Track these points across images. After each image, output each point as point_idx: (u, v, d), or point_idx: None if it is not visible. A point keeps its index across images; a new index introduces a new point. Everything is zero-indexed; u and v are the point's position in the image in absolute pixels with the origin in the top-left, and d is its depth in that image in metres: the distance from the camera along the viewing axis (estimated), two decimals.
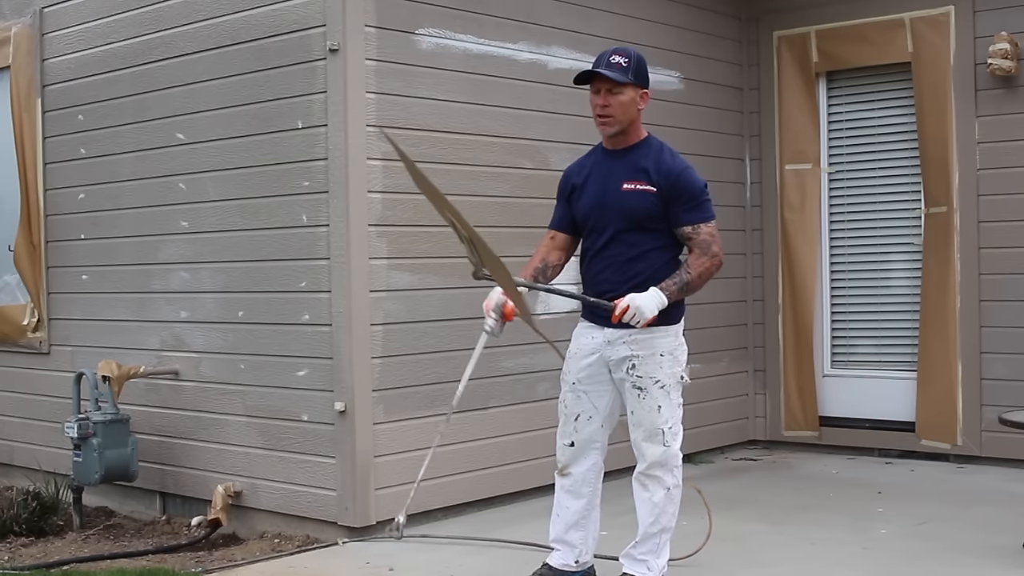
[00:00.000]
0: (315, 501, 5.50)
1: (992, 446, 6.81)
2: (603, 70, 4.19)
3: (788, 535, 5.35)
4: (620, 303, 4.11)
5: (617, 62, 4.21)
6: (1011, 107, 6.76)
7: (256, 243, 5.73)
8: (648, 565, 4.29)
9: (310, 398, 5.52)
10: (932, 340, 6.97)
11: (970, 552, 4.97)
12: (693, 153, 6.35)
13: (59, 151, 6.83)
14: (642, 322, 4.10)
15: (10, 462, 7.16)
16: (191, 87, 6.00)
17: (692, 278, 4.20)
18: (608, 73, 4.18)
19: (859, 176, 7.46)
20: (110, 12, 6.44)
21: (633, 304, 4.09)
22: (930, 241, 7.01)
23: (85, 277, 6.69)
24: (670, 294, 4.15)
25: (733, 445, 7.58)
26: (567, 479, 4.39)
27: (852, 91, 7.48)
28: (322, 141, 5.42)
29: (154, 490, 6.31)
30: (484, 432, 5.93)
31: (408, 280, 5.62)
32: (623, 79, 4.19)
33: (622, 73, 4.19)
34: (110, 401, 5.99)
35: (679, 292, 4.19)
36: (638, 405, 4.23)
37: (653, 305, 4.11)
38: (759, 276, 7.68)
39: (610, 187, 4.27)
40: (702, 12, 7.37)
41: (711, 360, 7.30)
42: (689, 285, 4.20)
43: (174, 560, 5.35)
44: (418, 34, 5.69)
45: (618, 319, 4.11)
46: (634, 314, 4.09)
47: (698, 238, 4.24)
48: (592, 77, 4.23)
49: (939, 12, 6.95)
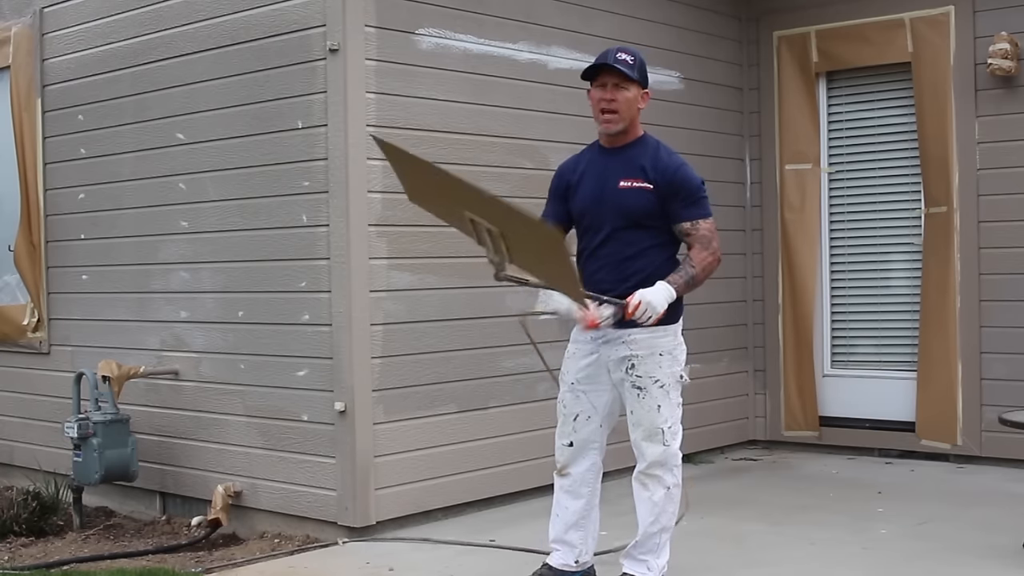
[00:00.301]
0: (315, 501, 5.50)
1: (992, 446, 6.81)
2: (613, 64, 4.21)
3: (788, 535, 5.35)
4: (631, 300, 4.10)
5: (624, 59, 4.23)
6: (1011, 107, 6.76)
7: (256, 243, 5.74)
8: (648, 565, 4.29)
9: (310, 398, 5.52)
10: (932, 340, 6.97)
11: (970, 552, 4.97)
12: (693, 153, 6.35)
13: (59, 151, 6.83)
14: (654, 317, 4.08)
15: (10, 462, 7.16)
16: (191, 87, 6.00)
17: (697, 272, 4.21)
18: (619, 67, 4.20)
19: (859, 176, 7.45)
20: (110, 12, 6.44)
21: (644, 299, 4.08)
22: (930, 241, 7.01)
23: (85, 277, 6.69)
24: (678, 288, 4.15)
25: (733, 445, 7.58)
26: (566, 479, 4.39)
27: (852, 91, 7.48)
28: (322, 141, 5.42)
29: (154, 490, 6.32)
30: (484, 432, 5.93)
31: (408, 280, 5.62)
32: (632, 75, 4.22)
33: (629, 70, 4.22)
34: (110, 401, 5.99)
35: (686, 286, 4.19)
36: (637, 405, 4.23)
37: (662, 299, 4.10)
38: (759, 276, 7.68)
39: (607, 185, 4.27)
40: (702, 12, 7.37)
41: (711, 360, 7.30)
42: (695, 279, 4.21)
43: (174, 560, 5.36)
44: (418, 34, 5.69)
45: (631, 316, 4.10)
46: (645, 309, 4.08)
47: (697, 234, 4.24)
48: (599, 71, 4.24)
49: (939, 12, 6.95)
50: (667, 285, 4.13)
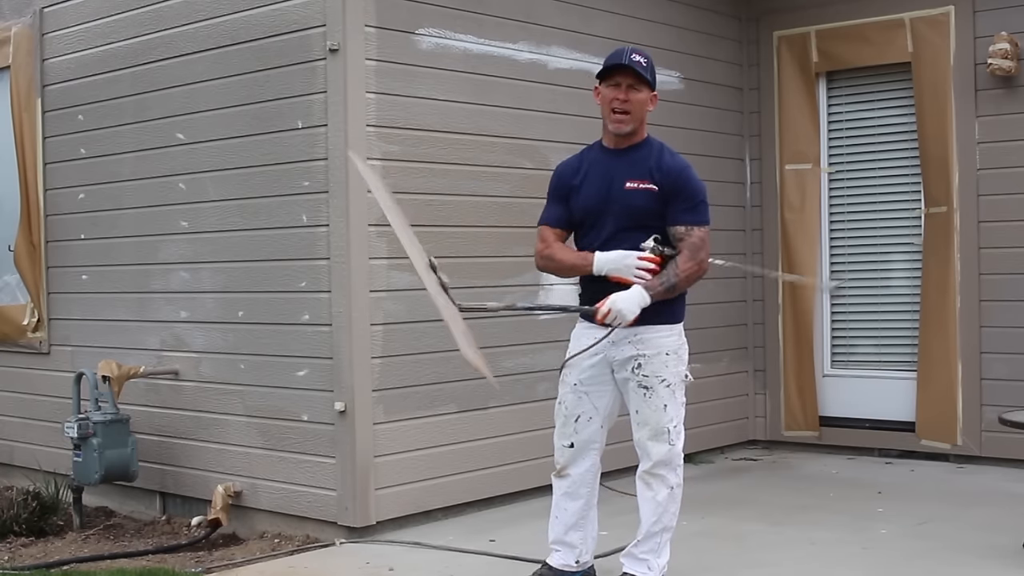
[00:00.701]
0: (315, 501, 5.50)
1: (992, 446, 6.81)
2: (630, 64, 4.21)
3: (788, 535, 5.35)
4: (601, 306, 4.10)
5: (638, 61, 4.24)
6: (1011, 107, 6.76)
7: (256, 243, 5.73)
8: (649, 564, 4.29)
9: (310, 398, 5.52)
10: (932, 340, 6.97)
11: (970, 552, 4.97)
12: (693, 153, 6.34)
13: (59, 151, 6.83)
14: (624, 323, 4.10)
15: (10, 462, 7.16)
16: (191, 87, 6.00)
17: (679, 280, 4.18)
18: (636, 68, 4.20)
19: (859, 176, 7.45)
20: (110, 12, 6.44)
21: (615, 307, 4.08)
22: (930, 241, 7.01)
23: (85, 277, 6.69)
24: (655, 294, 4.13)
25: (733, 445, 7.58)
26: (565, 481, 4.39)
27: (852, 91, 7.48)
28: (322, 141, 5.41)
29: (154, 490, 6.31)
30: (484, 432, 5.93)
31: (408, 280, 5.61)
32: (646, 77, 4.22)
33: (643, 71, 4.22)
34: (110, 401, 5.99)
35: (664, 292, 4.17)
36: (644, 404, 4.23)
37: (635, 305, 4.09)
38: (759, 276, 7.67)
39: (613, 185, 4.26)
40: (702, 12, 7.37)
41: (711, 360, 7.29)
42: (675, 287, 4.19)
43: (174, 560, 5.36)
44: (418, 34, 5.69)
45: (602, 322, 4.10)
46: (615, 316, 4.08)
47: (689, 239, 4.22)
48: (614, 70, 4.23)
49: (939, 12, 6.95)
50: (642, 291, 4.12)
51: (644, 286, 4.13)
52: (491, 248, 5.95)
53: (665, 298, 4.19)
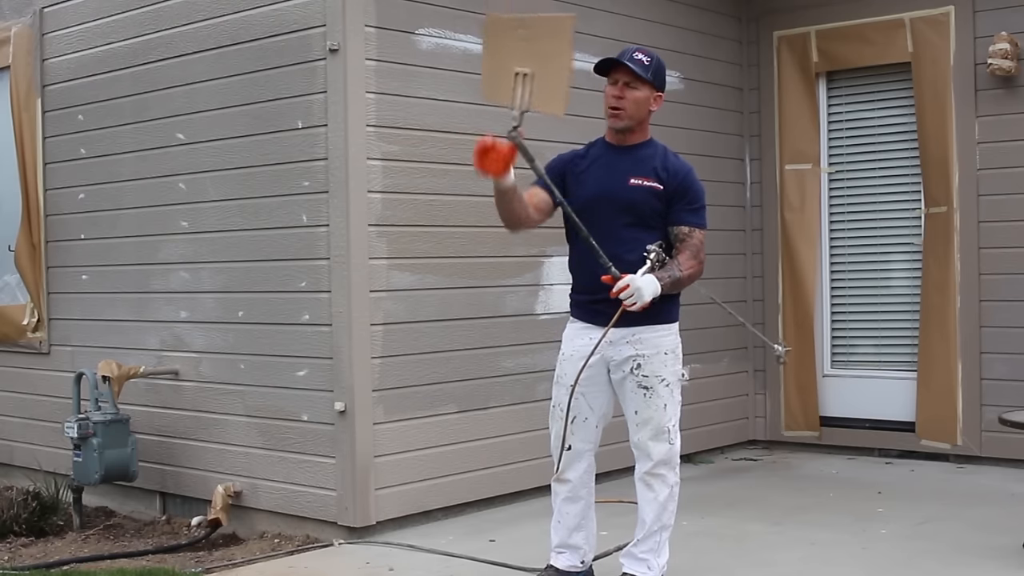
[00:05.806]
0: (315, 501, 5.50)
1: (992, 446, 6.81)
2: (625, 62, 4.22)
3: (788, 535, 5.35)
4: (622, 280, 4.06)
5: (639, 59, 4.24)
6: (1011, 107, 6.76)
7: (256, 243, 5.74)
8: (649, 564, 4.29)
9: (310, 398, 5.52)
10: (932, 340, 6.97)
11: (970, 552, 4.97)
12: (693, 153, 6.35)
13: (59, 151, 6.83)
14: (638, 304, 4.04)
15: (10, 462, 7.16)
16: (191, 87, 6.00)
17: (682, 276, 4.20)
18: (630, 65, 4.21)
19: (859, 176, 7.45)
20: (110, 12, 6.44)
21: (634, 285, 4.04)
22: (930, 241, 7.01)
23: (85, 277, 6.69)
24: (663, 285, 4.13)
25: (733, 445, 7.58)
26: (565, 486, 4.37)
27: (852, 91, 7.48)
28: (322, 141, 5.42)
29: (154, 490, 6.32)
30: (484, 432, 5.93)
31: (408, 280, 5.62)
32: (642, 75, 4.22)
33: (642, 70, 4.22)
34: (110, 401, 5.99)
35: (671, 286, 4.17)
36: (644, 404, 4.23)
37: (650, 292, 4.07)
38: (759, 276, 7.68)
39: (616, 181, 4.26)
40: (702, 12, 7.37)
41: (711, 360, 7.30)
42: (679, 282, 4.20)
43: (174, 560, 5.36)
44: (418, 34, 5.69)
45: (616, 295, 4.05)
46: (632, 295, 4.05)
47: (690, 240, 4.25)
48: (611, 67, 4.25)
49: (939, 12, 6.95)
50: (655, 280, 4.11)
51: (655, 275, 4.11)
52: (491, 248, 5.95)
53: (669, 292, 4.18)
